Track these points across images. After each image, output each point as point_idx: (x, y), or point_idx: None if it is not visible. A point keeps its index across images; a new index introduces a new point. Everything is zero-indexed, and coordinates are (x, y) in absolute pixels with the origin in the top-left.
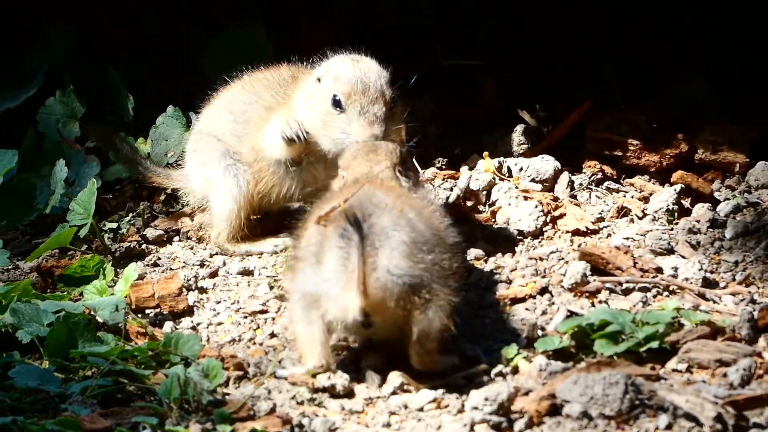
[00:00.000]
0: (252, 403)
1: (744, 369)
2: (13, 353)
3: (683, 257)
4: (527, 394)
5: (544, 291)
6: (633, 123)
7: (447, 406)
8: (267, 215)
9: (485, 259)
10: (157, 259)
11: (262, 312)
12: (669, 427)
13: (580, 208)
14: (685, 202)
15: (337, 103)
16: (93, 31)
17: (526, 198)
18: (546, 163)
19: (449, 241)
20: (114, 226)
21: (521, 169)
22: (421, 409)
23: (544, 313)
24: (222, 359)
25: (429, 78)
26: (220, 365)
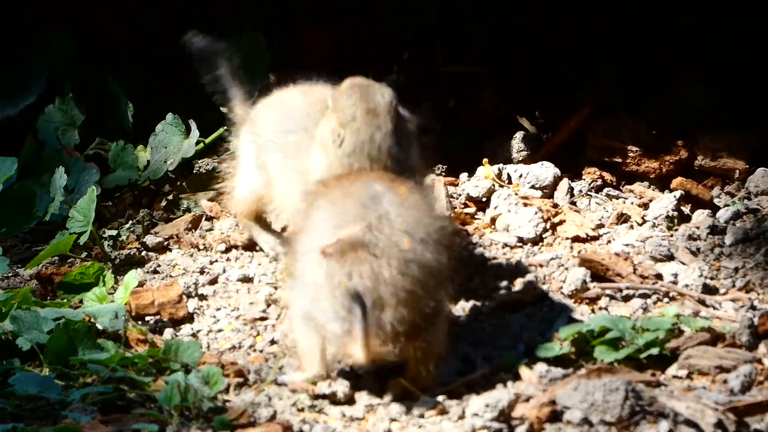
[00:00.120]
0: (252, 410)
1: (744, 375)
2: (14, 360)
3: (683, 264)
4: (528, 401)
5: (544, 297)
6: (633, 130)
7: (447, 413)
8: None
9: (486, 266)
10: (157, 267)
11: (262, 319)
12: None
13: (579, 214)
14: (685, 209)
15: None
16: (92, 38)
17: (525, 204)
18: (546, 170)
19: (445, 260)
20: (114, 233)
21: (521, 175)
22: (421, 415)
23: (544, 319)
24: (222, 366)
25: (428, 84)
26: (221, 372)
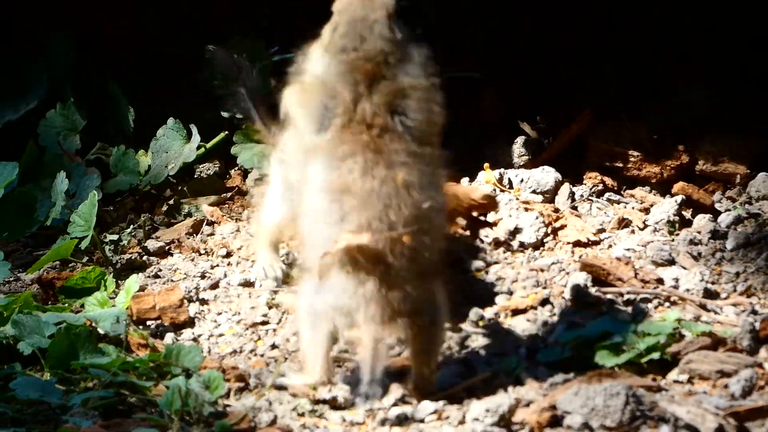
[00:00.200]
0: (253, 415)
1: (745, 380)
2: (15, 365)
3: (684, 268)
4: (528, 406)
5: (545, 302)
6: (634, 134)
7: (448, 418)
8: None
9: (486, 271)
10: (158, 271)
11: (263, 323)
12: None
13: (581, 219)
14: (686, 214)
15: None
16: (93, 42)
17: (527, 209)
18: (547, 175)
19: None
20: (115, 237)
21: (522, 180)
22: (422, 420)
23: (545, 324)
24: (223, 371)
25: None
26: (221, 377)
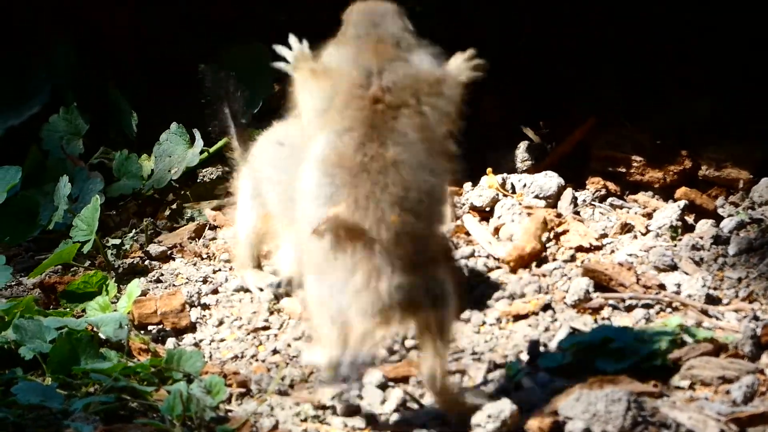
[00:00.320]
0: (255, 420)
1: (747, 386)
2: (16, 370)
3: (686, 273)
4: (530, 411)
5: (546, 307)
6: (637, 140)
7: (450, 423)
8: None
9: (488, 275)
10: (160, 276)
11: (264, 329)
12: None
13: (583, 224)
14: (689, 219)
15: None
16: (94, 45)
17: (529, 214)
18: (549, 180)
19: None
20: (117, 242)
21: (525, 185)
22: (423, 425)
23: (546, 329)
24: (224, 376)
25: None
26: (223, 382)
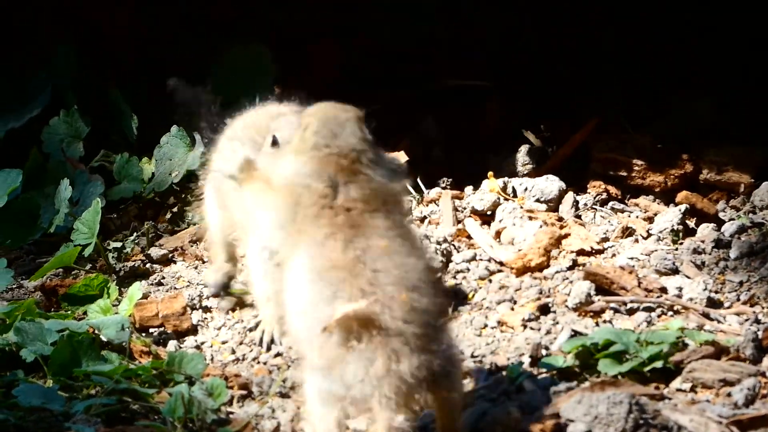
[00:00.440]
0: (256, 422)
1: (748, 389)
2: (17, 372)
3: (688, 277)
4: (531, 414)
5: (548, 310)
6: (638, 143)
7: None
8: None
9: (489, 279)
10: (162, 279)
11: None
12: None
13: (584, 228)
14: (690, 223)
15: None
16: (95, 47)
17: (530, 218)
18: (551, 183)
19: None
20: (118, 245)
21: (526, 189)
22: (424, 427)
23: (548, 332)
24: (226, 378)
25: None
26: (224, 384)
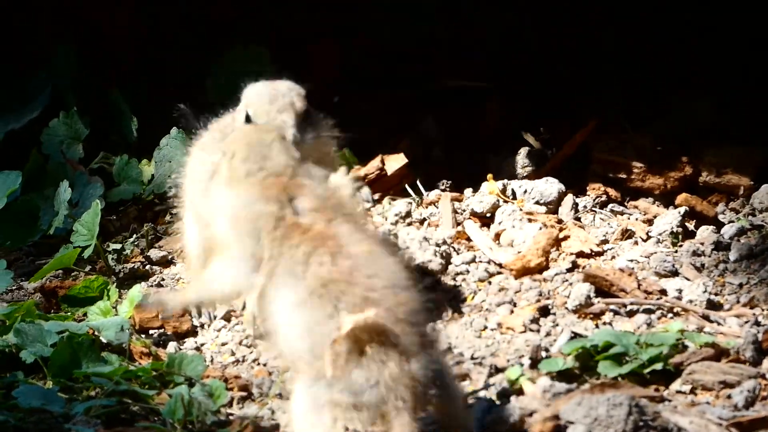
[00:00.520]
0: (256, 424)
1: (748, 391)
2: (17, 373)
3: (687, 279)
4: (531, 416)
5: (548, 312)
6: (637, 146)
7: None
8: None
9: (489, 281)
10: (161, 280)
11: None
12: None
13: (584, 230)
14: (690, 225)
15: (248, 119)
16: (94, 47)
17: (530, 220)
18: (550, 186)
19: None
20: (118, 247)
21: (525, 191)
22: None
23: (548, 334)
24: (226, 380)
25: (433, 100)
26: (224, 386)
